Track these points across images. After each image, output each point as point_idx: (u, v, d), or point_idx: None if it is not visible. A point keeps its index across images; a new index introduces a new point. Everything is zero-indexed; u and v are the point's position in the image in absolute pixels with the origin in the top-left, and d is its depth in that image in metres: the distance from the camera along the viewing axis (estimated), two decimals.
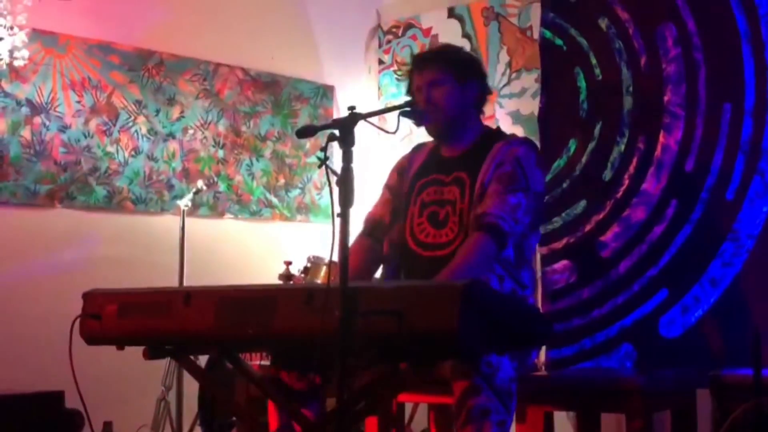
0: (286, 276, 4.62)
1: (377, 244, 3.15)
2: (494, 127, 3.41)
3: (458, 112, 3.04)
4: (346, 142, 2.32)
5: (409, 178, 3.15)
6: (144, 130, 5.03)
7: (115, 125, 4.92)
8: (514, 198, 2.87)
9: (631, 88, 3.65)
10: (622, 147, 3.65)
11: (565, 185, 3.74)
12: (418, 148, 3.25)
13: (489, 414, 2.49)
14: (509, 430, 2.57)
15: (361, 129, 2.37)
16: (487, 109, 3.68)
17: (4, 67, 4.44)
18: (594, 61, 3.75)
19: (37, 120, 4.65)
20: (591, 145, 3.72)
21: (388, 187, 3.22)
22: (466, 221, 2.94)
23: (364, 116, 2.39)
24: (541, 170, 3.01)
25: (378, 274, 3.22)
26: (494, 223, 2.83)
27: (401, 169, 3.21)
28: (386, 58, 5.74)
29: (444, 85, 3.02)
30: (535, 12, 4.74)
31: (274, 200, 5.56)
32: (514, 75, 5.05)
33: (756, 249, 3.35)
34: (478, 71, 3.13)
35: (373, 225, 3.18)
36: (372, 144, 5.38)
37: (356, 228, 3.18)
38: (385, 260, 3.13)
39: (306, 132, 2.47)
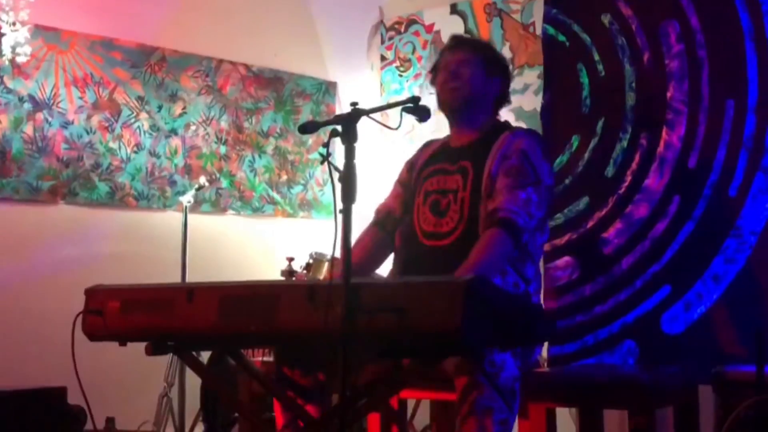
0: (289, 272, 4.61)
1: (386, 234, 3.17)
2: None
3: (479, 94, 3.08)
4: (349, 138, 2.32)
5: (417, 170, 3.16)
6: (146, 127, 5.03)
7: (117, 121, 4.92)
8: (524, 193, 2.87)
9: (633, 85, 3.65)
10: (625, 143, 3.64)
11: (567, 181, 3.74)
12: (429, 143, 3.27)
13: (492, 412, 2.49)
14: (511, 429, 2.57)
15: (363, 125, 2.36)
16: None
17: (7, 63, 4.44)
18: (597, 57, 3.75)
19: (40, 116, 4.65)
20: (593, 142, 3.72)
21: (400, 182, 3.24)
22: (466, 211, 2.94)
23: (367, 112, 2.39)
24: (548, 162, 3.02)
25: (387, 265, 3.22)
26: (508, 218, 2.83)
27: (411, 164, 3.23)
28: (389, 54, 5.73)
29: (473, 66, 3.09)
30: (538, 8, 4.74)
31: (277, 196, 5.56)
32: (516, 71, 5.04)
33: (759, 245, 3.35)
34: (505, 73, 3.20)
35: (382, 215, 3.20)
36: (374, 140, 5.38)
37: (359, 224, 3.18)
38: (396, 253, 3.14)
39: (308, 128, 2.47)
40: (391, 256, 3.20)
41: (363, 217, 3.29)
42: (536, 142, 3.00)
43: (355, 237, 2.41)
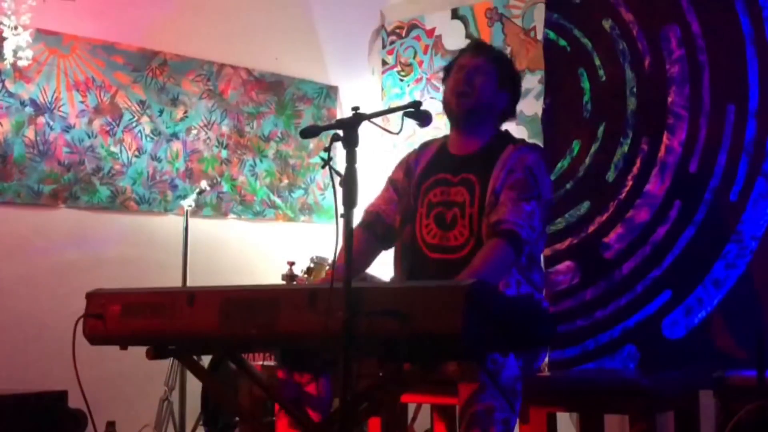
0: (290, 276, 4.62)
1: (374, 237, 3.14)
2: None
3: (486, 104, 3.06)
4: (350, 142, 2.32)
5: (416, 177, 3.13)
6: (147, 131, 5.03)
7: (118, 125, 4.92)
8: (529, 206, 2.87)
9: (634, 89, 3.65)
10: (626, 148, 3.65)
11: (568, 186, 3.74)
12: (426, 145, 3.23)
13: (493, 412, 2.48)
14: (513, 428, 2.57)
15: (364, 130, 2.36)
16: None
17: (8, 67, 4.45)
18: (598, 62, 3.75)
19: (41, 120, 4.65)
20: (594, 146, 3.72)
21: (393, 183, 3.20)
22: (475, 226, 2.93)
23: (368, 117, 2.38)
24: (549, 177, 3.03)
25: (379, 270, 3.21)
26: (511, 230, 2.81)
27: (407, 167, 3.18)
28: (390, 58, 5.74)
29: (486, 76, 3.07)
30: (539, 13, 4.74)
31: (278, 201, 5.56)
32: None
33: (759, 250, 3.35)
34: (516, 88, 3.18)
35: (372, 217, 3.17)
36: (376, 145, 5.38)
37: None
38: (397, 263, 3.12)
39: (309, 132, 2.46)
40: (378, 259, 3.18)
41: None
42: (541, 158, 3.00)
43: None
